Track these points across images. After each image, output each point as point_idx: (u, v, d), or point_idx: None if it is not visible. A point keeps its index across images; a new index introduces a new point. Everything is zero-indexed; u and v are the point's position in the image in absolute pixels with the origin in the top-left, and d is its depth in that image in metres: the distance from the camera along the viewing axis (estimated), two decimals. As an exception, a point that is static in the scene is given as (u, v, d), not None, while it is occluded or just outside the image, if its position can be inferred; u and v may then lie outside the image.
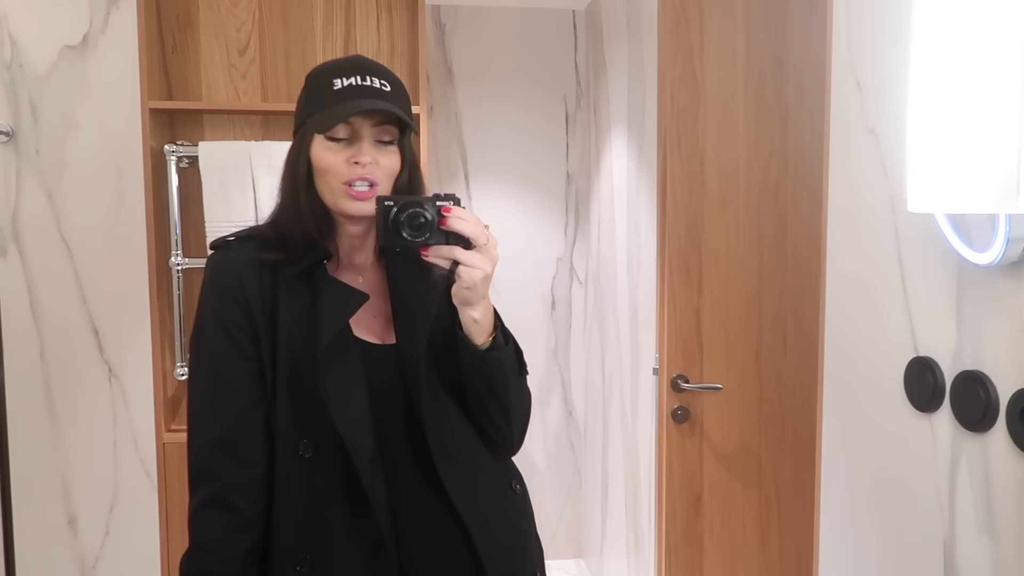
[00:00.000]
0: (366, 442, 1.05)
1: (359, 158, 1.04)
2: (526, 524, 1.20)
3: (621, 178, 2.73)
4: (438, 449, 1.07)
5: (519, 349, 1.13)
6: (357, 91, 1.04)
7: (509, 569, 1.11)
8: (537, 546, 1.24)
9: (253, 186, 2.05)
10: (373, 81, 1.06)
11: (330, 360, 1.04)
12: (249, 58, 2.14)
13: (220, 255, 1.10)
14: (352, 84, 1.04)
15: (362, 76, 1.05)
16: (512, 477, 1.20)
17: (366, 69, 1.07)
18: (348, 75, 1.05)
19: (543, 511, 3.41)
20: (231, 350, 1.06)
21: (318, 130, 1.04)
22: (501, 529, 1.12)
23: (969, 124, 0.78)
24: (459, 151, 3.28)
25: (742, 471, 2.17)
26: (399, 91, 1.08)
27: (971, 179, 0.75)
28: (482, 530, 1.08)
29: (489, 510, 1.11)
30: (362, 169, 1.04)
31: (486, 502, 1.11)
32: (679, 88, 2.10)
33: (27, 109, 1.97)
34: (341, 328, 1.05)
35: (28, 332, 1.99)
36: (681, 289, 2.12)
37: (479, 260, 1.01)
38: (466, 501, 1.08)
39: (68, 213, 2.00)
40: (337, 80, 1.05)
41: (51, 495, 2.03)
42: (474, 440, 1.14)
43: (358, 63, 1.08)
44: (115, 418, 2.04)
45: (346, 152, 1.04)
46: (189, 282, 2.12)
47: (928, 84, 0.81)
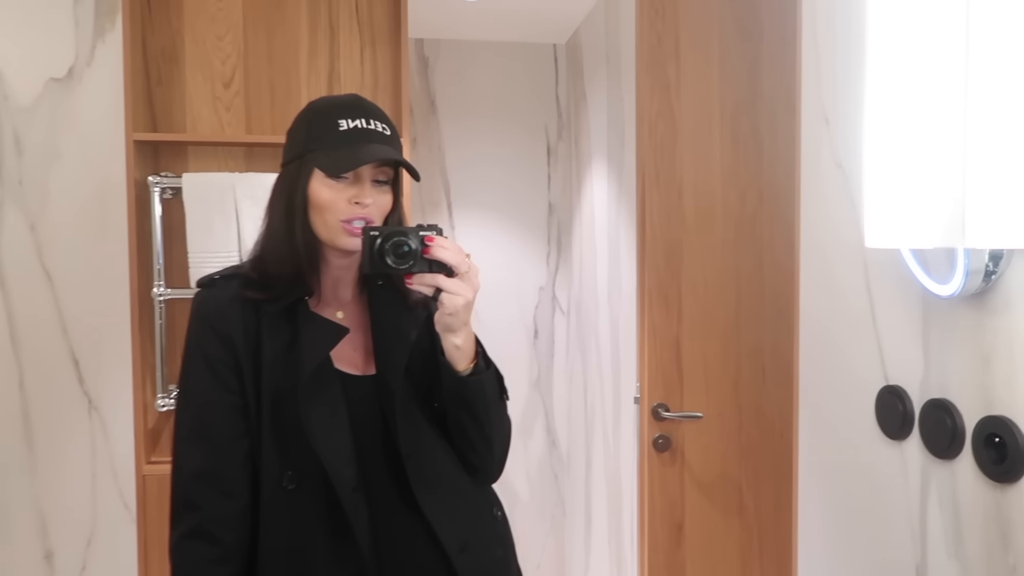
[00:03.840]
0: (348, 472, 1.07)
1: (361, 199, 1.08)
2: (506, 550, 1.21)
3: (602, 209, 2.78)
4: (416, 476, 1.10)
5: (500, 374, 1.15)
6: (364, 135, 1.08)
7: None
8: (517, 571, 1.26)
9: (237, 217, 2.06)
10: (376, 125, 1.10)
11: (311, 392, 1.06)
12: (234, 91, 2.16)
13: (205, 292, 1.12)
14: (358, 127, 1.08)
15: (366, 120, 1.09)
16: (493, 504, 1.22)
17: (367, 112, 1.11)
18: (353, 117, 1.09)
19: (527, 541, 3.40)
20: (214, 384, 1.08)
21: (328, 171, 1.07)
22: (481, 554, 1.13)
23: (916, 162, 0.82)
24: (442, 182, 3.31)
25: (723, 500, 2.19)
26: (395, 133, 1.13)
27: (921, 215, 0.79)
28: (461, 554, 1.10)
29: (469, 535, 1.13)
30: (362, 210, 1.08)
31: (466, 527, 1.13)
32: (657, 122, 2.15)
33: (11, 140, 1.98)
34: (322, 361, 1.08)
35: (7, 362, 1.98)
36: (661, 318, 2.15)
37: (461, 287, 1.04)
38: (445, 526, 1.10)
39: (50, 244, 2.00)
40: (343, 121, 1.08)
41: (28, 529, 2.00)
42: (454, 467, 1.16)
43: (359, 105, 1.12)
44: (94, 450, 2.03)
45: (348, 191, 1.08)
46: (171, 313, 2.12)
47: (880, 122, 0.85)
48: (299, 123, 1.13)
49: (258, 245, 1.14)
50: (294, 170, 1.10)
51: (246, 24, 2.17)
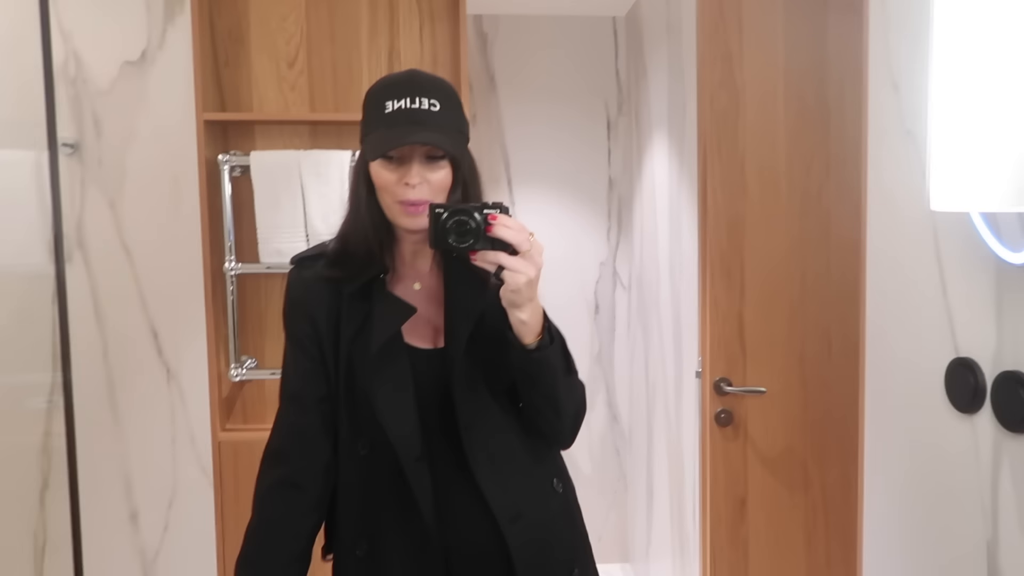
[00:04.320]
0: (412, 443, 1.12)
1: (408, 179, 1.10)
2: (565, 521, 1.23)
3: (663, 182, 2.74)
4: (472, 447, 1.13)
5: (567, 349, 1.16)
6: (405, 116, 1.09)
7: (539, 562, 1.16)
8: (580, 543, 1.27)
9: (302, 193, 2.11)
10: (422, 102, 1.10)
11: (379, 368, 1.13)
12: (298, 70, 2.21)
13: (295, 273, 1.21)
14: (401, 108, 1.09)
15: (412, 98, 1.10)
16: (555, 475, 1.24)
17: (417, 89, 1.11)
18: (400, 97, 1.10)
19: (588, 515, 3.40)
20: (301, 356, 1.19)
21: (368, 156, 1.11)
22: (534, 525, 1.16)
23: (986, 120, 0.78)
24: (502, 158, 3.32)
25: (787, 475, 2.16)
26: (449, 107, 1.12)
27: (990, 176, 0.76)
28: (513, 524, 1.14)
29: (523, 506, 1.16)
30: (412, 191, 1.09)
31: (520, 498, 1.16)
32: (719, 93, 2.10)
33: (90, 122, 2.07)
34: (389, 338, 1.13)
35: (91, 334, 2.09)
36: (723, 292, 2.12)
37: (523, 265, 1.05)
38: (497, 496, 1.14)
39: (129, 221, 2.09)
40: (389, 103, 1.10)
41: (114, 491, 2.13)
42: (516, 439, 1.19)
43: (410, 82, 1.12)
44: (173, 417, 2.13)
45: (398, 171, 1.10)
46: (242, 287, 2.20)
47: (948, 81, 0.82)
48: (363, 106, 1.17)
49: (340, 227, 1.20)
50: (361, 155, 1.15)
51: (308, 4, 2.21)
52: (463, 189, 1.14)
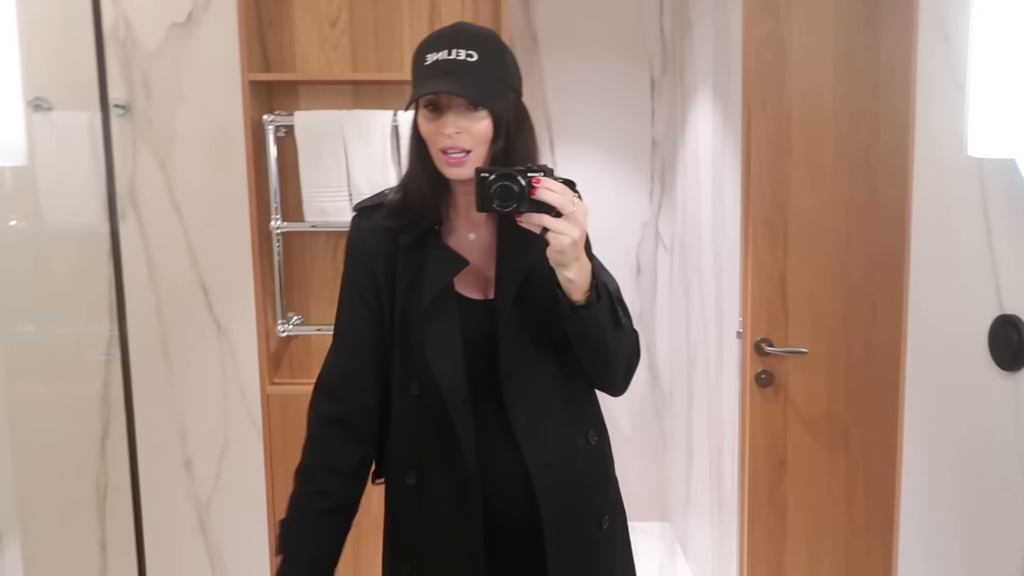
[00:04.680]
0: (458, 387, 1.18)
1: (444, 129, 1.12)
2: (598, 473, 1.27)
3: (707, 142, 2.70)
4: (511, 395, 1.18)
5: (613, 305, 1.17)
6: (442, 67, 1.12)
7: (566, 509, 1.20)
8: (612, 495, 1.31)
9: (345, 154, 2.14)
10: (459, 54, 1.12)
11: (430, 316, 1.19)
12: (340, 30, 2.22)
13: (356, 223, 1.28)
14: (439, 59, 1.12)
15: (449, 50, 1.12)
16: (591, 428, 1.28)
17: (456, 41, 1.13)
18: (439, 49, 1.13)
19: (628, 475, 3.44)
20: (357, 303, 1.26)
21: (406, 107, 1.16)
22: (564, 472, 1.21)
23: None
24: (544, 118, 3.30)
25: (828, 437, 2.15)
26: (489, 58, 1.14)
27: None
28: (543, 471, 1.19)
29: (554, 456, 1.20)
30: (449, 139, 1.12)
31: (553, 446, 1.20)
32: (764, 48, 2.06)
33: (140, 84, 2.12)
34: (441, 288, 1.19)
35: (145, 290, 2.17)
36: (766, 252, 2.10)
37: (566, 227, 1.07)
38: (530, 444, 1.19)
39: (178, 180, 2.15)
40: (429, 55, 1.13)
41: (169, 441, 2.22)
42: (554, 391, 1.22)
43: (452, 34, 1.15)
44: (224, 371, 2.21)
45: (439, 122, 1.13)
46: (288, 245, 2.25)
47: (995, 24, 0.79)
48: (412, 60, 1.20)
49: (401, 179, 1.25)
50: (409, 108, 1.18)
51: (350, -37, 2.21)
52: (507, 140, 1.16)
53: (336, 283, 2.30)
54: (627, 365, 1.24)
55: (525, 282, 1.19)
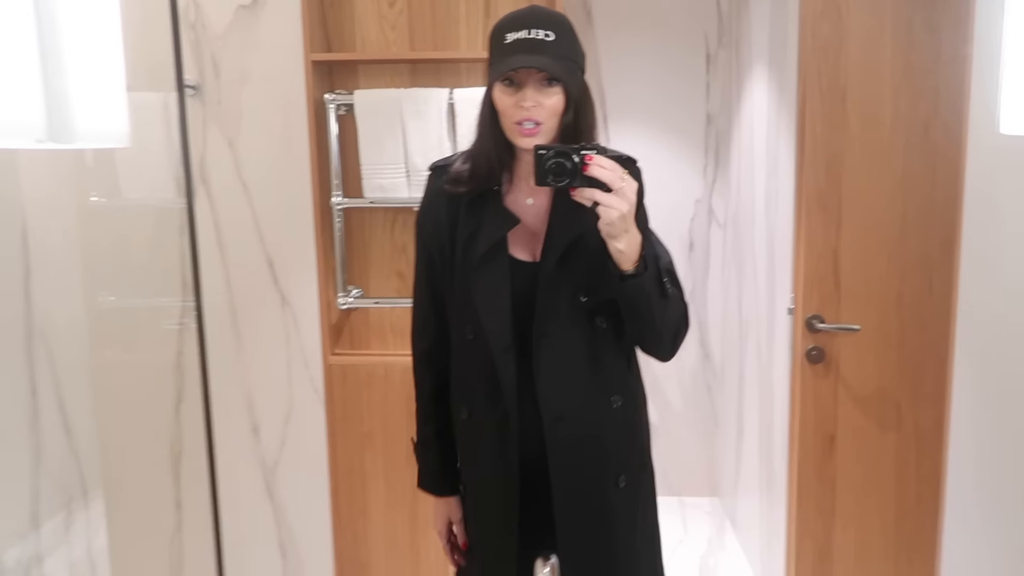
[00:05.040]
0: (503, 335, 1.31)
1: (522, 102, 1.24)
2: (618, 435, 1.37)
3: (761, 117, 2.69)
4: (539, 351, 1.31)
5: (660, 275, 1.25)
6: (522, 45, 1.22)
7: (574, 462, 1.32)
8: (635, 459, 1.40)
9: (403, 131, 2.20)
10: (537, 33, 1.23)
11: (482, 271, 1.33)
12: (398, 9, 2.27)
13: (429, 180, 1.43)
14: (520, 38, 1.23)
15: (528, 29, 1.23)
16: (615, 393, 1.36)
17: (534, 21, 1.24)
18: (518, 29, 1.24)
19: (678, 450, 3.49)
20: (423, 251, 1.43)
21: (491, 80, 1.26)
22: (576, 429, 1.33)
23: None
24: (597, 93, 3.31)
25: (879, 414, 2.15)
26: (563, 38, 1.24)
27: None
28: (554, 423, 1.31)
29: (568, 410, 1.31)
30: (526, 112, 1.23)
31: (567, 403, 1.33)
32: (821, 22, 2.04)
33: (210, 65, 2.21)
34: (493, 246, 1.31)
35: (216, 263, 2.27)
36: (819, 229, 2.10)
37: (615, 201, 1.17)
38: (546, 397, 1.31)
39: (245, 158, 2.25)
40: (509, 35, 1.24)
41: (238, 406, 2.34)
42: (583, 353, 1.33)
43: (529, 15, 1.25)
44: (288, 341, 2.31)
45: (515, 96, 1.24)
46: (348, 220, 2.33)
47: None
48: (489, 40, 1.30)
49: (472, 144, 1.37)
50: (488, 83, 1.29)
51: (409, -57, 2.25)
52: (575, 114, 1.27)
53: (393, 257, 2.40)
54: (674, 333, 1.32)
55: (570, 248, 1.29)
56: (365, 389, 2.28)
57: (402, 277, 2.34)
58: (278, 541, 2.40)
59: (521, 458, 1.33)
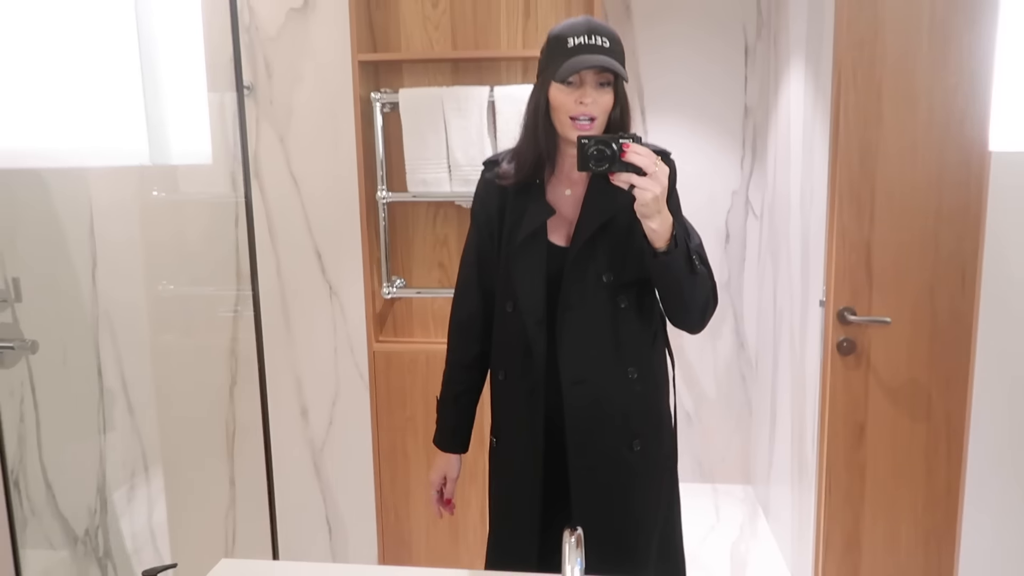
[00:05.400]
0: (536, 310, 1.47)
1: (583, 99, 1.38)
2: (634, 403, 1.49)
3: (798, 110, 2.71)
4: (563, 324, 1.46)
5: (689, 253, 1.38)
6: (586, 48, 1.37)
7: (590, 427, 1.47)
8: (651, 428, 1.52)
9: (445, 127, 2.29)
10: (597, 39, 1.37)
11: (521, 252, 1.49)
12: (441, 10, 2.36)
13: (484, 172, 1.59)
14: (582, 42, 1.37)
15: (589, 36, 1.37)
16: (632, 366, 1.48)
17: (593, 29, 1.38)
18: (579, 35, 1.38)
19: (712, 438, 3.54)
20: (475, 233, 1.60)
21: (556, 79, 1.38)
22: (591, 393, 1.47)
23: None
24: (635, 87, 3.36)
25: (909, 404, 2.18)
26: (616, 45, 1.40)
27: None
28: (572, 386, 1.46)
29: (587, 375, 1.47)
30: (584, 108, 1.38)
31: (586, 369, 1.47)
32: (857, 16, 2.06)
33: (263, 66, 2.32)
34: (532, 232, 1.47)
35: (268, 253, 2.40)
36: (851, 221, 2.13)
37: (650, 184, 1.30)
38: (567, 363, 1.46)
39: (296, 153, 2.36)
40: (571, 39, 1.38)
41: (288, 389, 2.47)
42: (605, 328, 1.46)
43: (587, 25, 1.40)
44: (335, 328, 2.42)
45: (574, 94, 1.39)
46: (393, 214, 2.43)
47: None
48: (544, 47, 1.44)
49: (518, 141, 1.52)
50: (540, 82, 1.44)
51: (451, -55, 2.33)
52: (620, 111, 1.43)
53: (435, 249, 2.50)
54: (703, 307, 1.45)
55: (597, 234, 1.44)
56: (408, 375, 2.39)
57: (443, 268, 2.44)
58: (325, 517, 2.53)
59: (547, 420, 1.49)
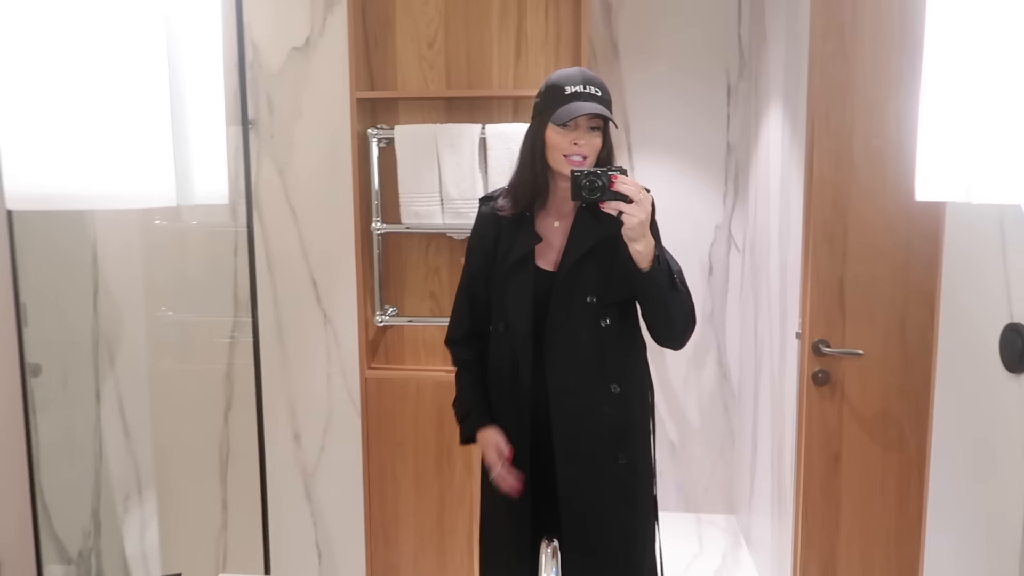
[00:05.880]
0: (524, 327, 1.63)
1: (578, 140, 1.57)
2: (618, 416, 1.62)
3: (776, 149, 2.83)
4: (550, 339, 1.62)
5: (671, 272, 1.56)
6: (581, 96, 1.55)
7: (575, 433, 1.61)
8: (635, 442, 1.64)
9: (438, 163, 2.38)
10: (590, 89, 1.56)
11: (511, 276, 1.65)
12: (436, 50, 2.47)
13: (480, 210, 1.75)
14: (577, 91, 1.56)
15: (584, 85, 1.56)
16: (615, 382, 1.62)
17: (587, 80, 1.58)
18: (575, 84, 1.57)
19: (696, 467, 3.60)
20: (473, 261, 1.75)
21: (554, 121, 1.56)
22: (576, 404, 1.62)
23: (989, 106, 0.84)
24: (622, 124, 3.47)
25: (882, 434, 2.26)
26: (606, 94, 1.59)
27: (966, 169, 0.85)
28: (559, 396, 1.62)
29: (571, 386, 1.62)
30: (579, 148, 1.56)
31: (572, 382, 1.62)
32: (830, 64, 2.18)
33: (264, 101, 2.42)
34: (520, 258, 1.63)
35: (265, 281, 2.47)
36: (824, 258, 2.23)
37: (636, 210, 1.47)
38: (554, 375, 1.62)
39: (294, 186, 2.44)
40: (568, 87, 1.56)
41: (282, 414, 2.52)
42: (588, 344, 1.61)
43: (582, 75, 1.58)
44: (329, 355, 2.49)
45: (570, 136, 1.56)
46: (387, 244, 2.52)
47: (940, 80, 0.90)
48: (541, 92, 1.62)
49: (512, 178, 1.69)
50: (536, 123, 1.62)
51: (447, -10, 2.45)
52: (608, 152, 1.62)
53: (427, 279, 2.58)
54: (683, 324, 1.61)
55: (582, 260, 1.59)
56: (399, 401, 2.46)
57: (435, 297, 2.52)
58: (315, 541, 2.58)
59: (536, 438, 1.63)
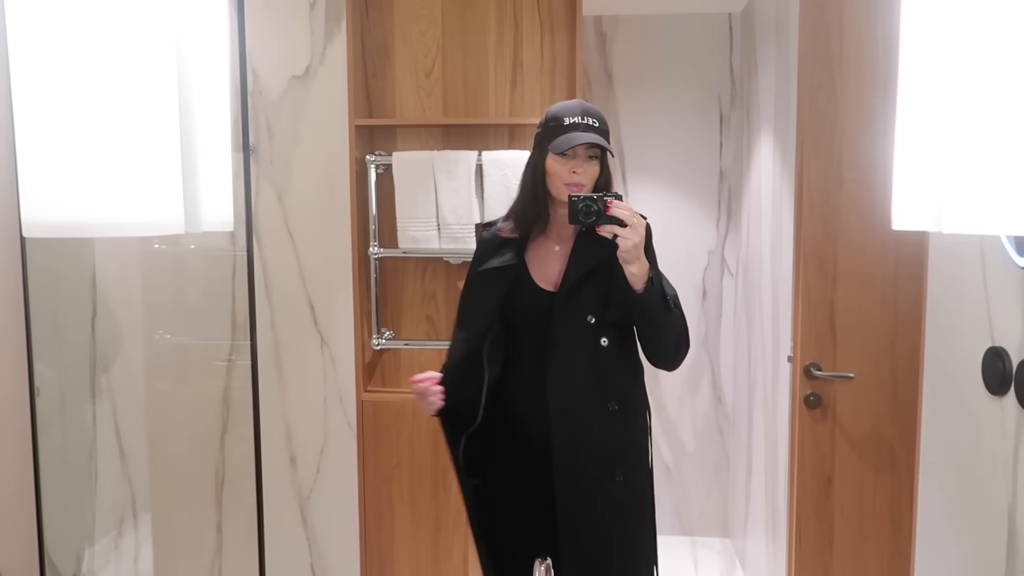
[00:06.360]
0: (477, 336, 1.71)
1: (576, 169, 1.64)
2: (617, 435, 1.67)
3: (768, 176, 2.88)
4: (550, 358, 1.67)
5: (664, 294, 1.62)
6: (580, 127, 1.63)
7: (573, 450, 1.65)
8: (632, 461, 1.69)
9: (435, 188, 2.42)
10: (588, 120, 1.64)
11: (480, 280, 1.74)
12: (433, 79, 2.52)
13: (481, 235, 1.82)
14: (576, 122, 1.63)
15: (582, 116, 1.64)
16: (612, 400, 1.66)
17: (585, 111, 1.65)
18: (574, 115, 1.64)
19: (692, 491, 3.61)
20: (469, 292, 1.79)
21: (554, 150, 1.63)
22: (576, 422, 1.65)
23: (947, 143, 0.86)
24: (618, 151, 3.53)
25: (874, 456, 2.29)
26: (603, 125, 1.67)
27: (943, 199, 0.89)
28: (558, 415, 1.66)
29: (571, 406, 1.66)
30: (577, 176, 1.64)
31: (571, 401, 1.66)
32: (818, 95, 2.24)
33: (264, 128, 2.46)
34: (498, 267, 1.70)
35: (263, 304, 2.50)
36: (815, 282, 2.27)
37: (630, 234, 1.55)
38: (554, 393, 1.66)
39: (293, 211, 2.48)
40: (567, 118, 1.64)
41: (278, 437, 2.54)
42: (587, 362, 1.66)
43: (581, 107, 1.66)
44: (325, 378, 2.51)
45: (568, 164, 1.64)
46: (384, 268, 2.55)
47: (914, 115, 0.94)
48: (542, 123, 1.69)
49: (512, 205, 1.76)
50: (537, 152, 1.69)
51: (444, 20, 2.51)
52: (604, 179, 1.68)
53: (424, 303, 2.61)
54: (676, 345, 1.66)
55: (581, 281, 1.65)
56: (394, 424, 2.47)
57: (431, 321, 2.55)
58: (310, 565, 2.58)
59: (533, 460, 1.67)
